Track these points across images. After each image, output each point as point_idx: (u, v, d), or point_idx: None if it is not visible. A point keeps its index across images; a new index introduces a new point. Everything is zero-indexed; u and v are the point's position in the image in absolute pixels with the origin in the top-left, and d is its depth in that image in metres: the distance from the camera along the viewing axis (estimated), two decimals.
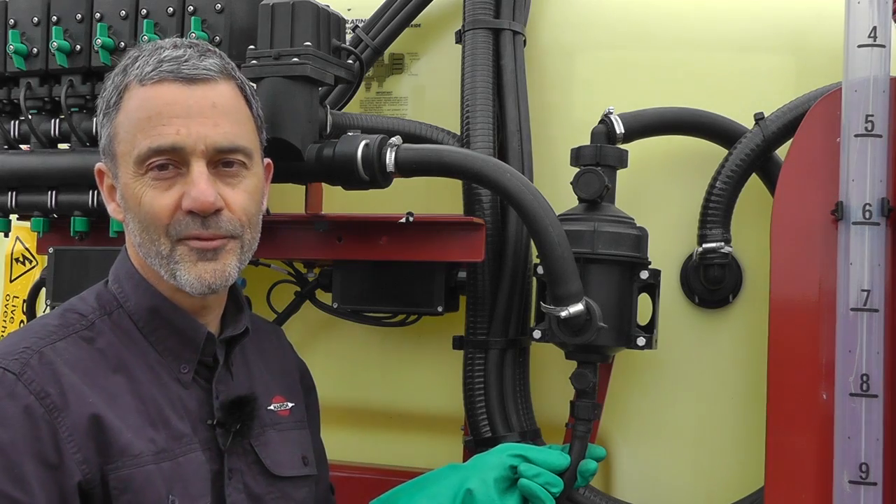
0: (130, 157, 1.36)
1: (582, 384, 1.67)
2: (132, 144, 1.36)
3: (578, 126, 1.83)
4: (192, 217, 1.35)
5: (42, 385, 1.29)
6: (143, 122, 1.35)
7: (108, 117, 1.40)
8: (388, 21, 1.96)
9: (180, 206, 1.35)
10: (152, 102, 1.35)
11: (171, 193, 1.35)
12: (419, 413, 2.02)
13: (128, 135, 1.37)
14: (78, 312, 1.41)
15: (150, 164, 1.35)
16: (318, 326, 2.06)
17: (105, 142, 1.42)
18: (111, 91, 1.40)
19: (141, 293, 1.43)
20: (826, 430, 1.51)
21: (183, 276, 1.37)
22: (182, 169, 1.35)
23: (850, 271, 1.49)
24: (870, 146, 1.49)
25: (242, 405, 1.45)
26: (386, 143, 1.67)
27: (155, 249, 1.37)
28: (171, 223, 1.36)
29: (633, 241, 1.68)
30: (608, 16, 1.95)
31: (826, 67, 1.73)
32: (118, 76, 1.40)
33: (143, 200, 1.36)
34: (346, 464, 1.99)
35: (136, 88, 1.37)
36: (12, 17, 1.86)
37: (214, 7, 1.73)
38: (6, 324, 2.56)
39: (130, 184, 1.37)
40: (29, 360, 1.30)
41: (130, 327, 1.41)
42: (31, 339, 1.34)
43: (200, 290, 1.38)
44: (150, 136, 1.34)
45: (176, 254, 1.37)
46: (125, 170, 1.38)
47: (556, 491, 1.58)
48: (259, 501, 1.47)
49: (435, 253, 1.77)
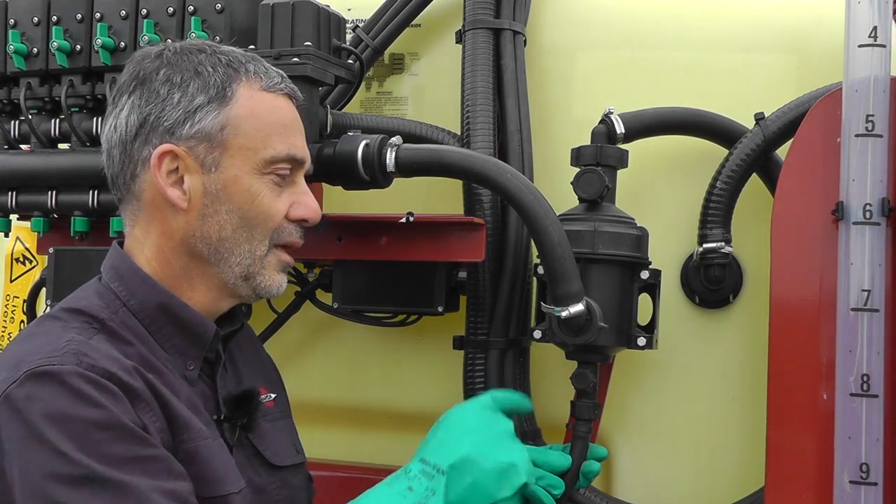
0: (257, 154, 1.39)
1: (582, 384, 1.67)
2: (264, 144, 1.40)
3: (578, 126, 1.83)
4: (296, 226, 1.45)
5: (104, 366, 1.27)
6: (278, 127, 1.41)
7: (218, 103, 1.39)
8: (389, 21, 1.96)
9: (290, 216, 1.43)
10: (283, 112, 1.43)
11: (283, 199, 1.43)
12: (419, 413, 2.01)
13: (257, 133, 1.40)
14: (88, 313, 1.38)
15: (278, 168, 1.41)
16: (318, 326, 2.05)
17: (212, 127, 1.38)
18: (222, 78, 1.39)
19: (147, 290, 1.41)
20: (826, 430, 1.51)
21: (264, 281, 1.43)
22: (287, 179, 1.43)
23: (851, 271, 1.49)
24: (870, 146, 1.49)
25: (248, 399, 1.46)
26: (386, 143, 1.67)
27: (248, 248, 1.40)
28: (277, 227, 1.42)
29: (633, 241, 1.68)
30: (608, 16, 1.95)
31: (826, 67, 1.73)
32: (225, 69, 1.40)
33: (260, 199, 1.40)
34: (345, 464, 1.99)
35: (260, 91, 1.41)
36: (12, 17, 1.86)
37: (214, 7, 1.73)
38: (6, 324, 2.56)
39: (245, 178, 1.39)
40: (79, 349, 1.28)
41: (136, 325, 1.40)
42: (66, 336, 1.31)
43: (270, 296, 1.45)
44: (288, 143, 1.42)
45: (267, 259, 1.42)
46: (241, 162, 1.39)
47: (557, 493, 1.57)
48: (262, 493, 1.47)
49: (435, 253, 1.77)
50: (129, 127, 1.40)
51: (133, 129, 1.40)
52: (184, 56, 1.41)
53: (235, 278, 1.41)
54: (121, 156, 1.41)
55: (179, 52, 1.42)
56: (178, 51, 1.42)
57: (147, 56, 1.43)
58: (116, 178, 1.44)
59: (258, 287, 1.42)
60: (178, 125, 1.38)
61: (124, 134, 1.40)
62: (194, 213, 1.39)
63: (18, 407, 1.22)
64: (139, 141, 1.40)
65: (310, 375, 2.06)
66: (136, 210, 1.43)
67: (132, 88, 1.41)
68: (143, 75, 1.41)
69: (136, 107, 1.40)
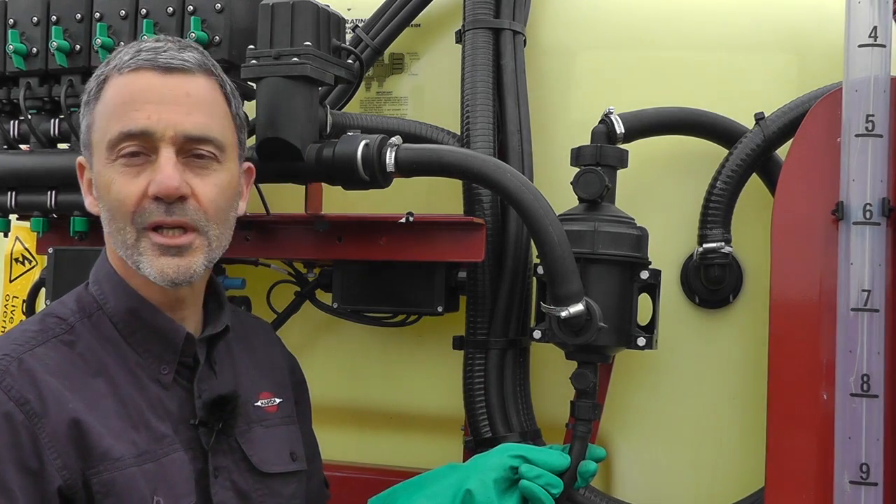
0: (103, 143, 1.37)
1: (582, 384, 1.67)
2: (106, 129, 1.37)
3: (578, 126, 1.83)
4: (157, 203, 1.34)
5: (21, 392, 1.28)
6: (117, 107, 1.37)
7: (88, 108, 1.41)
8: (388, 21, 1.96)
9: (147, 194, 1.34)
10: (127, 89, 1.37)
11: (139, 181, 1.35)
12: (419, 413, 2.01)
13: (103, 121, 1.38)
14: (57, 316, 1.40)
15: (121, 149, 1.35)
16: (318, 326, 2.05)
17: (84, 132, 1.42)
18: (93, 82, 1.41)
19: (119, 294, 1.42)
20: (826, 430, 1.51)
21: (146, 269, 1.37)
22: (152, 157, 1.35)
23: (851, 271, 1.49)
24: (870, 146, 1.49)
25: (224, 403, 1.45)
26: (386, 143, 1.67)
27: (121, 238, 1.37)
28: (136, 210, 1.35)
29: (633, 241, 1.68)
30: (608, 16, 1.95)
31: (826, 67, 1.73)
32: (101, 68, 1.42)
33: (112, 188, 1.36)
34: (346, 464, 1.99)
35: (114, 77, 1.39)
36: (12, 17, 1.86)
37: (214, 7, 1.73)
38: (6, 324, 2.56)
39: (102, 171, 1.38)
40: (8, 367, 1.30)
41: (110, 329, 1.41)
42: (10, 345, 1.34)
43: (163, 283, 1.37)
44: (122, 120, 1.35)
45: (140, 245, 1.36)
46: (98, 157, 1.39)
47: (556, 492, 1.58)
48: (247, 498, 1.47)
49: (435, 253, 1.77)
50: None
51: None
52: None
53: (138, 270, 1.38)
54: None
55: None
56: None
57: None
58: None
59: (149, 276, 1.37)
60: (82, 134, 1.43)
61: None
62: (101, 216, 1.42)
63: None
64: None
65: (309, 375, 2.04)
66: None
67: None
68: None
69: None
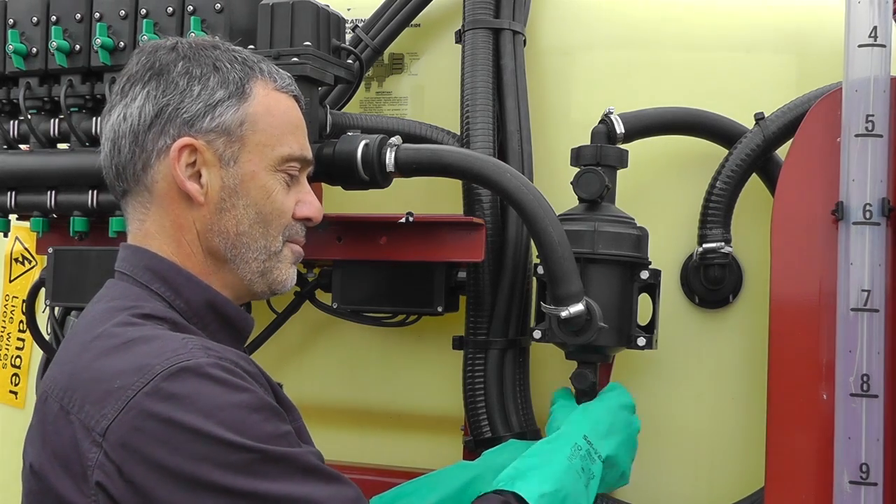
0: (273, 151, 1.40)
1: (582, 384, 1.68)
2: (279, 141, 1.40)
3: (578, 126, 1.83)
4: (301, 224, 1.46)
5: (229, 356, 1.26)
6: (291, 126, 1.43)
7: (237, 99, 1.38)
8: (388, 21, 1.96)
9: (296, 214, 1.44)
10: (295, 113, 1.45)
11: (291, 197, 1.44)
12: (419, 413, 2.01)
13: (273, 130, 1.40)
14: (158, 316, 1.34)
15: (290, 167, 1.42)
16: (318, 326, 2.05)
17: (229, 122, 1.37)
18: (240, 74, 1.39)
19: (193, 288, 1.38)
20: (826, 430, 1.51)
21: (280, 275, 1.43)
22: (294, 179, 1.45)
23: (851, 271, 1.49)
24: (870, 146, 1.49)
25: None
26: (386, 143, 1.67)
27: (264, 243, 1.40)
28: (289, 224, 1.43)
29: (633, 241, 1.68)
30: (608, 16, 1.95)
31: (826, 67, 1.73)
32: (242, 66, 1.40)
33: (275, 195, 1.40)
34: (346, 464, 1.98)
35: (273, 91, 1.42)
36: (11, 17, 1.86)
37: (214, 7, 1.72)
38: (5, 323, 2.56)
39: (261, 174, 1.39)
40: (203, 343, 1.27)
41: (185, 325, 1.36)
42: (174, 334, 1.29)
43: (283, 289, 1.45)
44: (300, 144, 1.44)
45: (282, 253, 1.43)
46: (257, 158, 1.39)
47: None
48: None
49: (435, 253, 1.77)
50: (143, 117, 1.37)
51: (147, 119, 1.36)
52: (200, 51, 1.40)
53: (252, 274, 1.40)
54: (131, 146, 1.37)
55: (195, 47, 1.40)
56: (194, 45, 1.41)
57: (160, 48, 1.40)
58: (124, 168, 1.39)
59: (274, 282, 1.43)
60: (198, 118, 1.36)
61: (137, 124, 1.37)
62: (211, 208, 1.37)
63: (157, 410, 1.18)
64: (154, 131, 1.36)
65: (309, 375, 2.06)
66: (146, 202, 1.39)
67: (147, 78, 1.38)
68: (160, 66, 1.38)
69: (152, 97, 1.37)
